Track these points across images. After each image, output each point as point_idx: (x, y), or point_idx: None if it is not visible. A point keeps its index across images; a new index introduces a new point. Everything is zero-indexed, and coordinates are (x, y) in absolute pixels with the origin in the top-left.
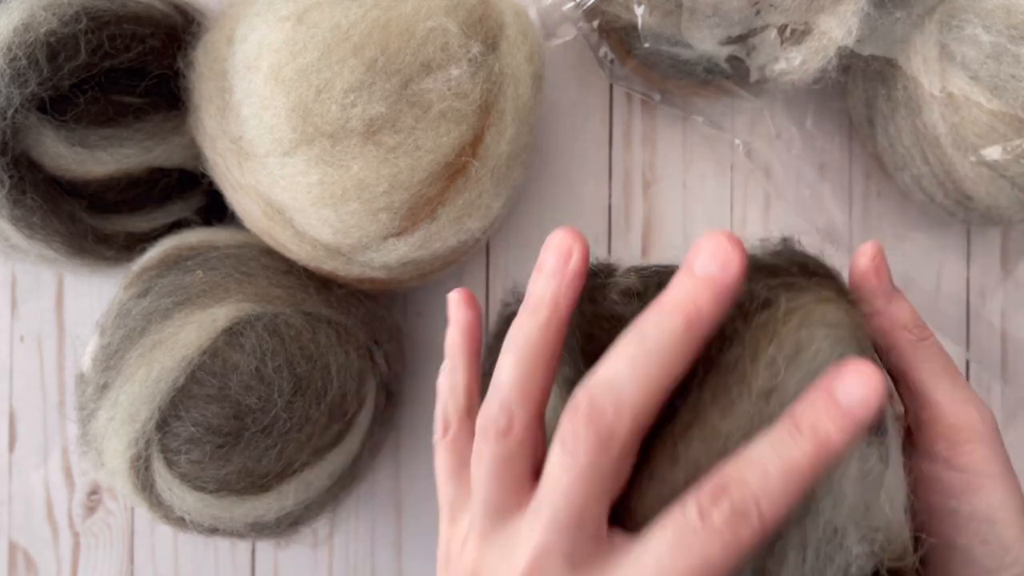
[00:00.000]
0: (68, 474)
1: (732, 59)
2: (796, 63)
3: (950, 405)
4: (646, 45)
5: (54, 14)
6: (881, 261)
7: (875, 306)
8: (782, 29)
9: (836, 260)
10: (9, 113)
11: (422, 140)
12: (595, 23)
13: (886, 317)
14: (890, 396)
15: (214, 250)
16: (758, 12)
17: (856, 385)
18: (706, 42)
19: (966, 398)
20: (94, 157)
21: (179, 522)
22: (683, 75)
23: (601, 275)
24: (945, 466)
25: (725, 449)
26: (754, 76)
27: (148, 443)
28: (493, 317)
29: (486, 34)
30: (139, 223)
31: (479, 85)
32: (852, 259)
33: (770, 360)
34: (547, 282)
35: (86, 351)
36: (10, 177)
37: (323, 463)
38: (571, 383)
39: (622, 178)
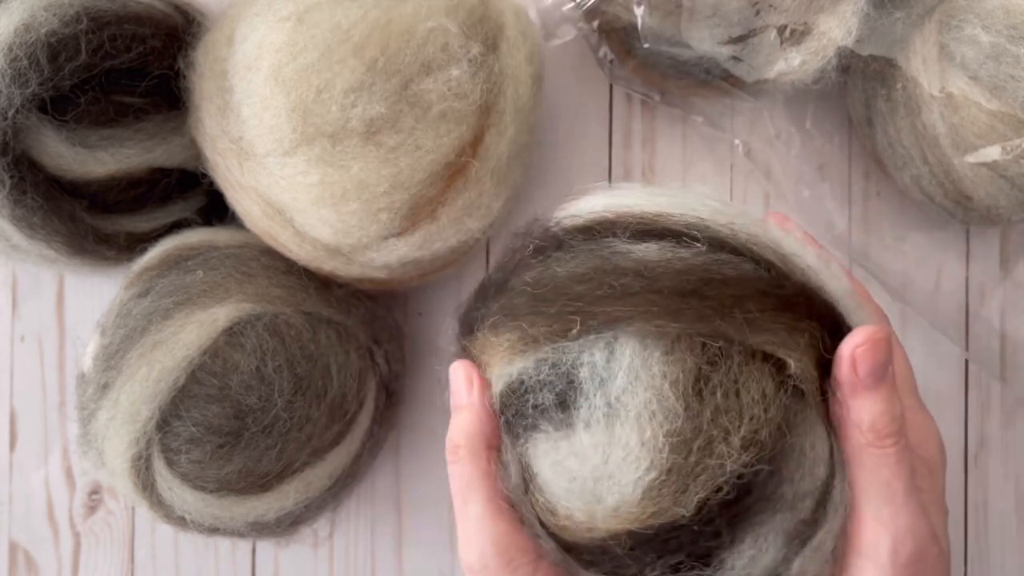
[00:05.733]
0: (69, 474)
1: (732, 59)
2: (796, 63)
3: (869, 522)
4: (646, 45)
5: (55, 14)
6: (865, 351)
7: (838, 394)
8: (782, 29)
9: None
10: (10, 113)
11: (422, 140)
12: (595, 23)
13: (845, 409)
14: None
15: (214, 250)
16: (758, 12)
17: None
18: (706, 42)
19: (888, 521)
20: (95, 157)
21: (180, 522)
22: (683, 75)
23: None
24: (839, 570)
25: None
26: (753, 76)
27: (149, 443)
28: None
29: (486, 34)
30: (140, 223)
31: (479, 85)
32: (846, 337)
33: None
34: (455, 418)
35: (87, 351)
36: (11, 177)
37: (323, 463)
38: None
39: (622, 178)
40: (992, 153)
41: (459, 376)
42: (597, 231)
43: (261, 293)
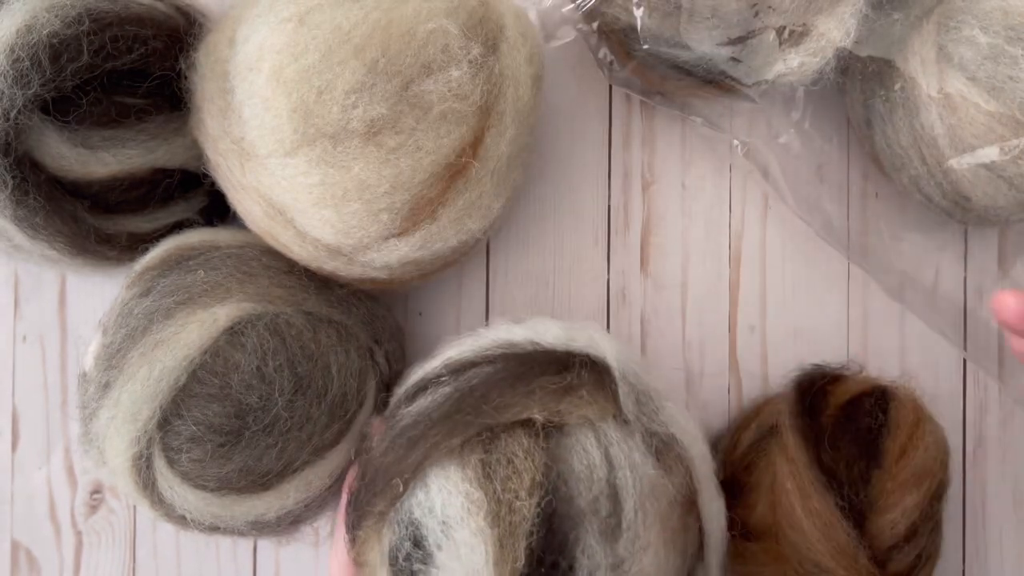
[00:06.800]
0: (70, 473)
1: (731, 61)
2: (794, 64)
3: None
4: (645, 47)
5: (57, 16)
6: None
7: None
8: (780, 31)
9: (835, 260)
10: (12, 114)
11: (423, 141)
12: (595, 25)
13: None
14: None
15: (216, 250)
16: (756, 14)
17: None
18: (705, 44)
19: None
20: (96, 158)
21: (180, 520)
22: (682, 76)
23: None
24: None
25: None
26: (752, 77)
27: (150, 442)
28: (494, 315)
29: (487, 36)
30: (141, 223)
31: (479, 86)
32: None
33: None
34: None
35: (88, 350)
36: (13, 178)
37: (324, 462)
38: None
39: (621, 179)
40: (990, 154)
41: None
42: (394, 409)
43: (262, 293)
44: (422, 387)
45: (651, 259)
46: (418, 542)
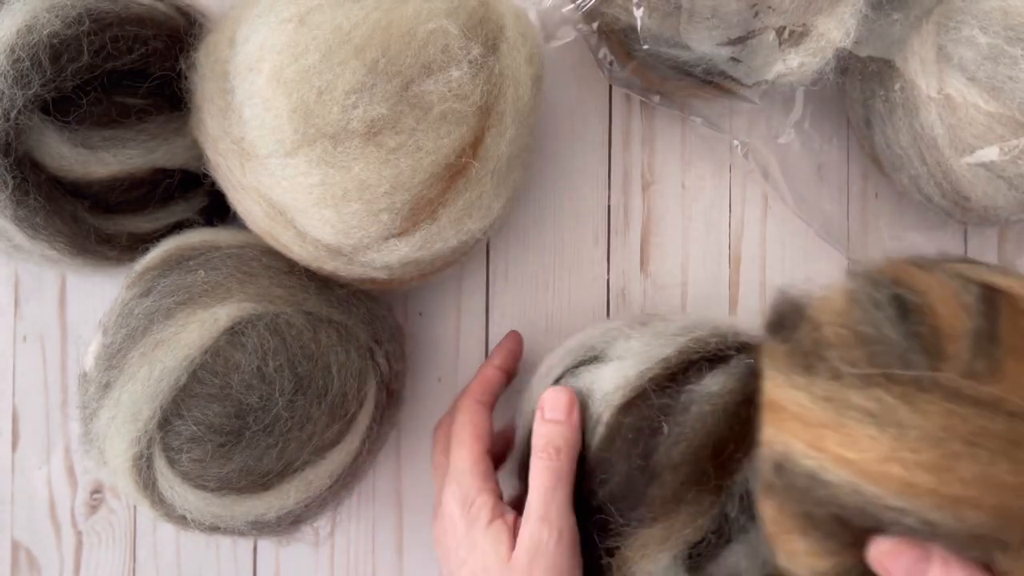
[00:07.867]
0: (71, 473)
1: (731, 61)
2: (794, 65)
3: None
4: (645, 47)
5: (57, 16)
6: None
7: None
8: (780, 31)
9: (835, 260)
10: (12, 114)
11: (423, 141)
12: (595, 25)
13: None
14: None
15: (216, 250)
16: (756, 14)
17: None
18: (705, 44)
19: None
20: (97, 158)
21: (181, 520)
22: (682, 76)
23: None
24: None
25: None
26: (752, 78)
27: (150, 442)
28: (494, 315)
29: (487, 36)
30: (142, 223)
31: (480, 86)
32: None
33: None
34: (554, 428)
35: (88, 350)
36: (13, 178)
37: (324, 462)
38: None
39: (621, 179)
40: (990, 154)
41: (562, 398)
42: (673, 381)
43: (262, 293)
44: (696, 368)
45: (651, 259)
46: (749, 512)
